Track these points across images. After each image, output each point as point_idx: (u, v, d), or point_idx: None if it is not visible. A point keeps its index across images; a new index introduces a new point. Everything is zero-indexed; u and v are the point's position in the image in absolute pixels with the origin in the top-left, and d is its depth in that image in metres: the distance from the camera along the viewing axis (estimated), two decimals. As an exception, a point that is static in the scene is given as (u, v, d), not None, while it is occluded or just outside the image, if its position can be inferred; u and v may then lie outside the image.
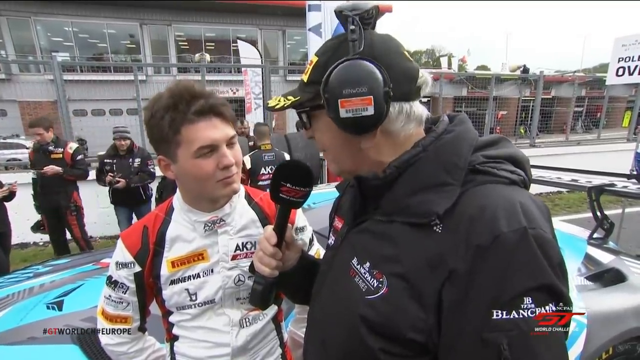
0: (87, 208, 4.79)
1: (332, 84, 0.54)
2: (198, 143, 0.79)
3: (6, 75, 10.60)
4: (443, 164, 0.56)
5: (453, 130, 0.60)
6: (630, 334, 1.74)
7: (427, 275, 0.52)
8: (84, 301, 1.76)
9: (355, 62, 0.53)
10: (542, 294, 0.47)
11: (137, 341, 0.98)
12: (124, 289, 0.91)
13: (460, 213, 0.52)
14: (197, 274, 0.90)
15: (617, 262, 2.06)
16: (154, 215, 0.95)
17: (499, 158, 0.59)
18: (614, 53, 4.61)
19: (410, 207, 0.56)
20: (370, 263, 0.59)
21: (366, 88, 0.52)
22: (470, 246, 0.49)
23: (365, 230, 0.64)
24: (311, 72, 0.61)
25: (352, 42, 0.55)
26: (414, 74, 0.58)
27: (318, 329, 0.70)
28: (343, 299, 0.62)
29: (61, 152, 3.67)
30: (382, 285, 0.55)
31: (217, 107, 0.81)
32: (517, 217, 0.49)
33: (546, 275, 0.47)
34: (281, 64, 15.15)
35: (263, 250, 0.73)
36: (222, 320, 0.94)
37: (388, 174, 0.59)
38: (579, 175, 2.62)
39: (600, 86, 8.79)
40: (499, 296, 0.47)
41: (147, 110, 0.82)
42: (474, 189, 0.54)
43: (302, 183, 0.70)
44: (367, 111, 0.53)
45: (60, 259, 2.59)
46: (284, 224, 0.73)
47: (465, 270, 0.48)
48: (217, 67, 14.16)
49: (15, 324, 1.66)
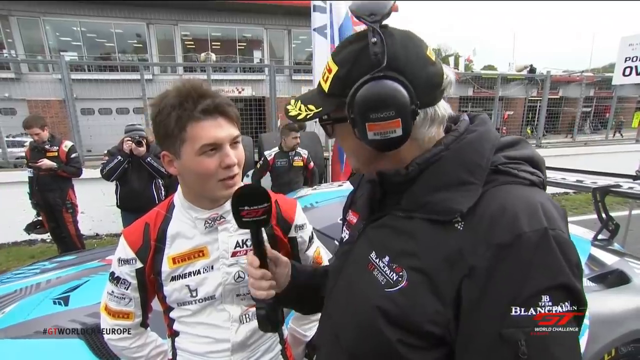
0: (93, 206, 4.85)
1: (359, 105, 0.53)
2: (202, 141, 0.81)
3: (16, 74, 10.75)
4: (465, 164, 0.57)
5: (475, 130, 0.61)
6: (633, 336, 1.72)
7: (445, 271, 0.53)
8: (90, 297, 1.79)
9: (379, 82, 0.53)
10: (560, 292, 0.48)
11: (140, 336, 1.00)
12: (126, 285, 0.93)
13: (481, 212, 0.53)
14: (197, 270, 0.92)
15: (622, 263, 2.04)
16: (155, 212, 0.96)
17: (518, 159, 0.60)
18: (620, 52, 4.52)
19: (431, 204, 0.57)
20: (389, 257, 0.60)
21: (394, 111, 0.52)
22: (491, 244, 0.50)
23: (384, 225, 0.64)
24: (331, 82, 0.59)
25: (374, 55, 0.53)
26: (439, 80, 0.57)
27: (331, 323, 0.71)
28: (361, 292, 0.63)
29: (56, 150, 3.69)
30: (402, 279, 0.57)
31: (222, 106, 0.83)
32: (538, 218, 0.50)
33: (565, 274, 0.48)
34: (287, 63, 15.16)
35: (251, 275, 0.74)
36: (222, 316, 0.95)
37: (410, 171, 0.60)
38: (585, 176, 2.59)
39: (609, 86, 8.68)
40: (518, 294, 0.48)
41: (155, 107, 0.83)
42: (496, 188, 0.55)
43: (257, 202, 0.71)
44: (396, 133, 0.54)
45: (67, 256, 2.64)
46: (261, 244, 0.75)
47: (485, 268, 0.50)
48: (222, 66, 14.23)
49: (23, 318, 1.70)
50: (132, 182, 3.56)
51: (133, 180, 3.56)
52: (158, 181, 3.77)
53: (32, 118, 3.67)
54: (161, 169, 3.60)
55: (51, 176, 3.70)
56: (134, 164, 3.54)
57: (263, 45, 15.35)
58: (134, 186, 3.57)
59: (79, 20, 13.21)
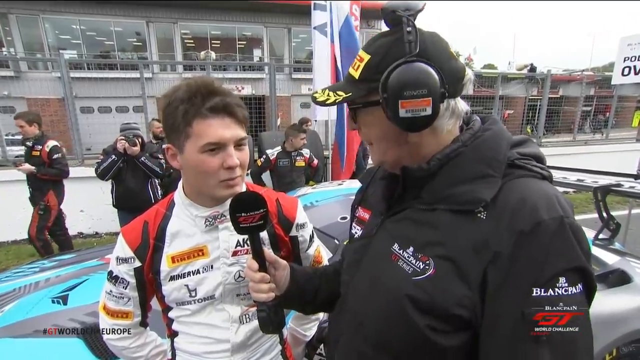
0: (92, 204, 4.83)
1: (392, 85, 0.57)
2: (206, 139, 0.80)
3: (15, 72, 10.69)
4: (485, 158, 0.62)
5: (490, 128, 0.66)
6: (634, 336, 1.72)
7: (471, 257, 0.57)
8: (89, 296, 1.78)
9: (414, 64, 0.57)
10: (575, 275, 0.53)
11: (139, 336, 0.99)
12: (125, 284, 0.92)
13: (502, 202, 0.58)
14: (196, 270, 0.91)
15: (623, 263, 2.04)
16: (154, 210, 0.95)
17: (528, 156, 0.65)
18: (619, 52, 4.54)
19: (455, 195, 0.61)
20: (413, 247, 0.63)
21: (426, 90, 0.56)
22: (513, 231, 0.54)
23: (405, 218, 0.68)
24: (363, 69, 0.63)
25: (408, 43, 0.57)
26: (462, 73, 0.62)
27: (352, 314, 0.73)
28: (387, 282, 0.65)
29: (39, 150, 3.64)
30: (429, 267, 0.60)
31: (231, 106, 0.82)
32: (555, 207, 0.55)
33: (579, 258, 0.53)
34: (287, 62, 15.12)
35: (251, 279, 0.77)
36: (221, 316, 0.94)
37: (432, 165, 0.64)
38: (585, 175, 2.58)
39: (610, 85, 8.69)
40: (539, 276, 0.52)
41: (166, 98, 0.83)
42: (513, 181, 0.60)
43: (254, 208, 0.74)
44: (426, 111, 0.57)
45: (65, 255, 2.63)
46: (259, 248, 0.77)
47: (509, 253, 0.54)
48: (222, 64, 14.19)
49: (22, 317, 1.69)
50: (128, 181, 3.52)
51: (128, 179, 3.52)
52: (154, 180, 3.72)
53: (24, 112, 3.68)
54: (156, 168, 3.58)
55: (35, 176, 3.70)
56: (129, 163, 3.50)
57: (263, 44, 15.31)
58: (130, 185, 3.53)
59: (79, 19, 13.15)
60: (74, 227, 5.35)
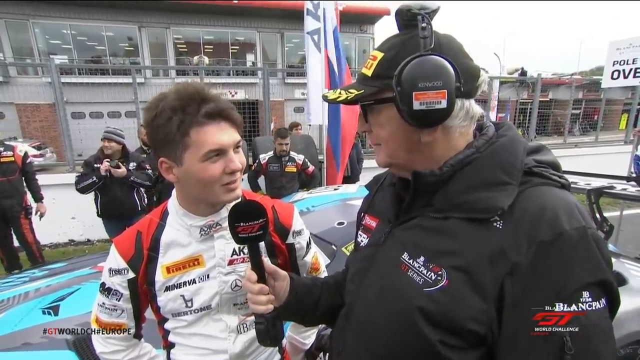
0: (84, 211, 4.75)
1: (407, 77, 0.56)
2: (207, 146, 0.78)
3: (4, 77, 10.53)
4: (501, 165, 0.59)
5: (505, 134, 0.64)
6: (631, 338, 1.73)
7: (487, 268, 0.54)
8: (80, 306, 1.73)
9: (429, 57, 0.56)
10: (599, 288, 0.51)
11: (133, 348, 0.96)
12: (118, 296, 0.89)
13: (520, 211, 0.55)
14: (192, 280, 0.89)
15: (617, 264, 2.05)
16: (147, 220, 0.93)
17: (545, 163, 0.63)
18: (608, 56, 4.62)
19: (469, 203, 0.58)
20: (424, 257, 0.61)
21: (441, 82, 0.55)
22: (533, 242, 0.52)
23: (415, 226, 0.65)
24: (376, 66, 0.62)
25: (423, 39, 0.57)
26: (476, 73, 0.61)
27: (359, 324, 0.70)
28: (397, 293, 0.63)
29: (12, 155, 3.53)
30: (442, 278, 0.57)
31: (226, 111, 0.80)
32: (577, 217, 0.53)
33: (603, 271, 0.51)
34: (280, 66, 15.15)
35: (249, 290, 0.74)
36: (219, 327, 0.92)
37: (445, 171, 0.62)
38: (578, 178, 2.61)
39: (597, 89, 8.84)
40: (561, 289, 0.50)
41: (150, 111, 0.79)
42: (531, 189, 0.58)
43: (253, 217, 0.72)
44: (441, 104, 0.55)
45: (57, 263, 2.57)
46: (258, 259, 0.75)
47: (528, 264, 0.51)
48: (215, 69, 14.16)
49: (10, 329, 1.64)
50: (114, 190, 3.44)
51: (115, 189, 3.44)
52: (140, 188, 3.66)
53: None
54: (145, 182, 3.55)
55: (9, 182, 3.50)
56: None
57: (256, 48, 15.32)
58: (117, 193, 3.45)
59: (69, 23, 13.02)
60: (66, 235, 5.26)
